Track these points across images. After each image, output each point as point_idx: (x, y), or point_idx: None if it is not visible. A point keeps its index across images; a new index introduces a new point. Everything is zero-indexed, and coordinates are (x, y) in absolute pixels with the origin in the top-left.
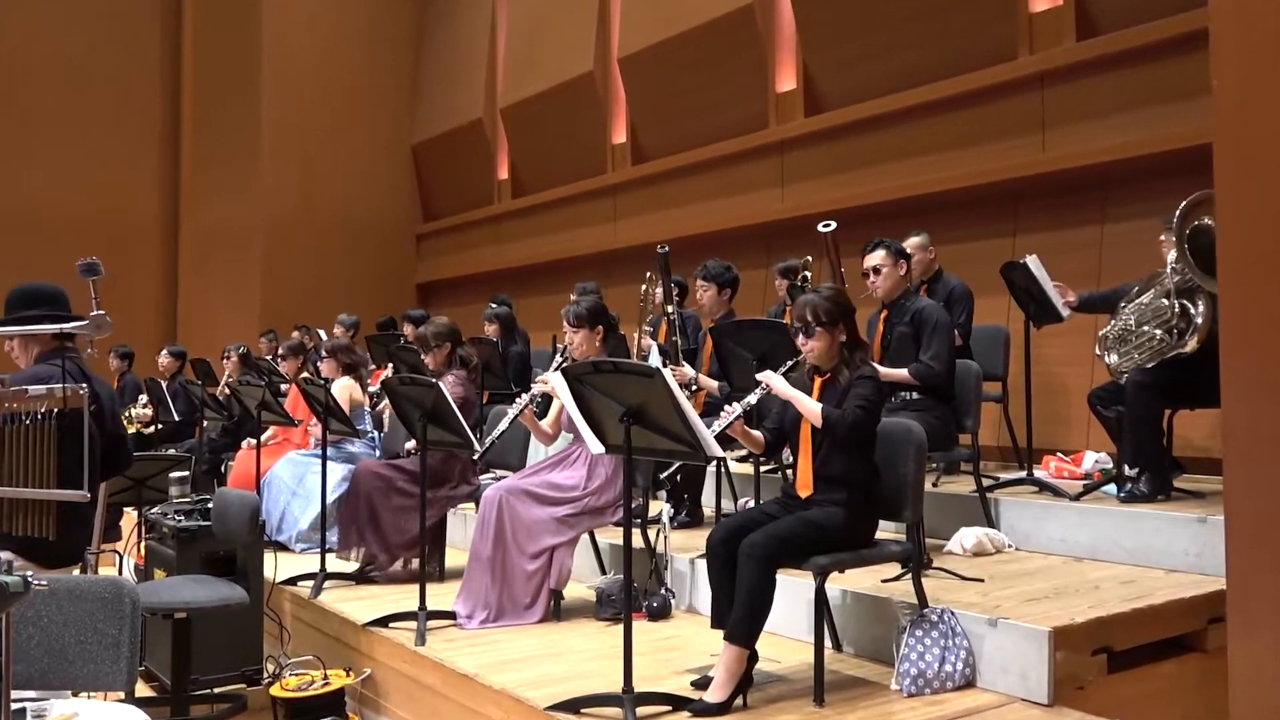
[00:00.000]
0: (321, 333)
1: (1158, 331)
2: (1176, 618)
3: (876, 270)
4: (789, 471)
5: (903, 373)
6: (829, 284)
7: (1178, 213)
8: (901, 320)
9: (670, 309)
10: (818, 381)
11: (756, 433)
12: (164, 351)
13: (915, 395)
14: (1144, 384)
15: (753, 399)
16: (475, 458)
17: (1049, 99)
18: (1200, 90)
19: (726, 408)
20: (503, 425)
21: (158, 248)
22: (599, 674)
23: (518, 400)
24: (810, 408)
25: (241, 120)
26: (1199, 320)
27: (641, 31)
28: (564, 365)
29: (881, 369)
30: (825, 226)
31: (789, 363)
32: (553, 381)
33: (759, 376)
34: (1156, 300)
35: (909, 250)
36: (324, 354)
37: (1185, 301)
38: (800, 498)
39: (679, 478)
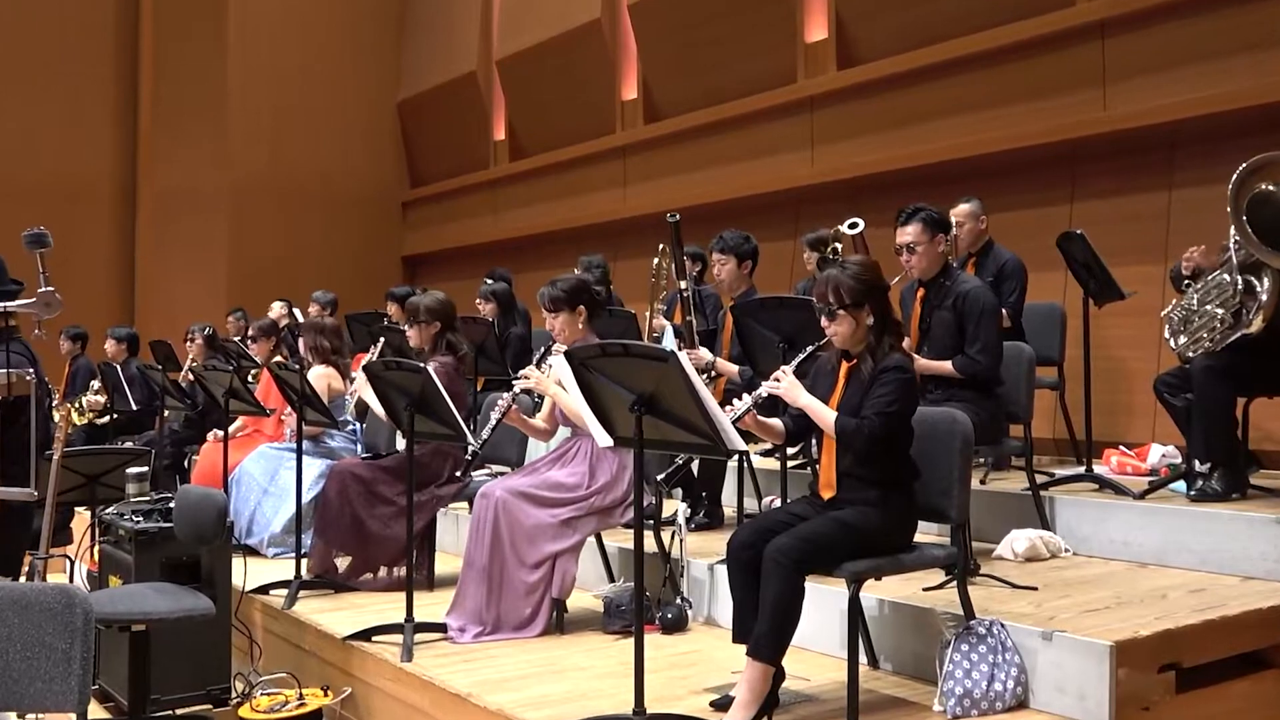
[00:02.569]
0: (298, 313)
1: (1220, 311)
2: (1253, 630)
3: (910, 249)
4: (817, 466)
5: (946, 366)
6: (858, 257)
7: (1233, 180)
8: (942, 302)
9: (684, 285)
10: (844, 367)
11: (774, 421)
12: (109, 337)
13: (959, 384)
14: (1214, 369)
15: (764, 392)
16: (468, 456)
17: (1111, 50)
18: None
19: (735, 401)
20: (486, 432)
21: (112, 215)
22: (607, 693)
23: (499, 402)
24: (824, 418)
25: (206, 70)
26: (1264, 297)
27: None
28: (544, 357)
29: (921, 360)
30: (852, 228)
31: (808, 348)
32: (555, 367)
33: (775, 376)
34: (1219, 277)
35: (958, 219)
36: (301, 333)
37: (1250, 277)
38: (823, 499)
39: (696, 473)
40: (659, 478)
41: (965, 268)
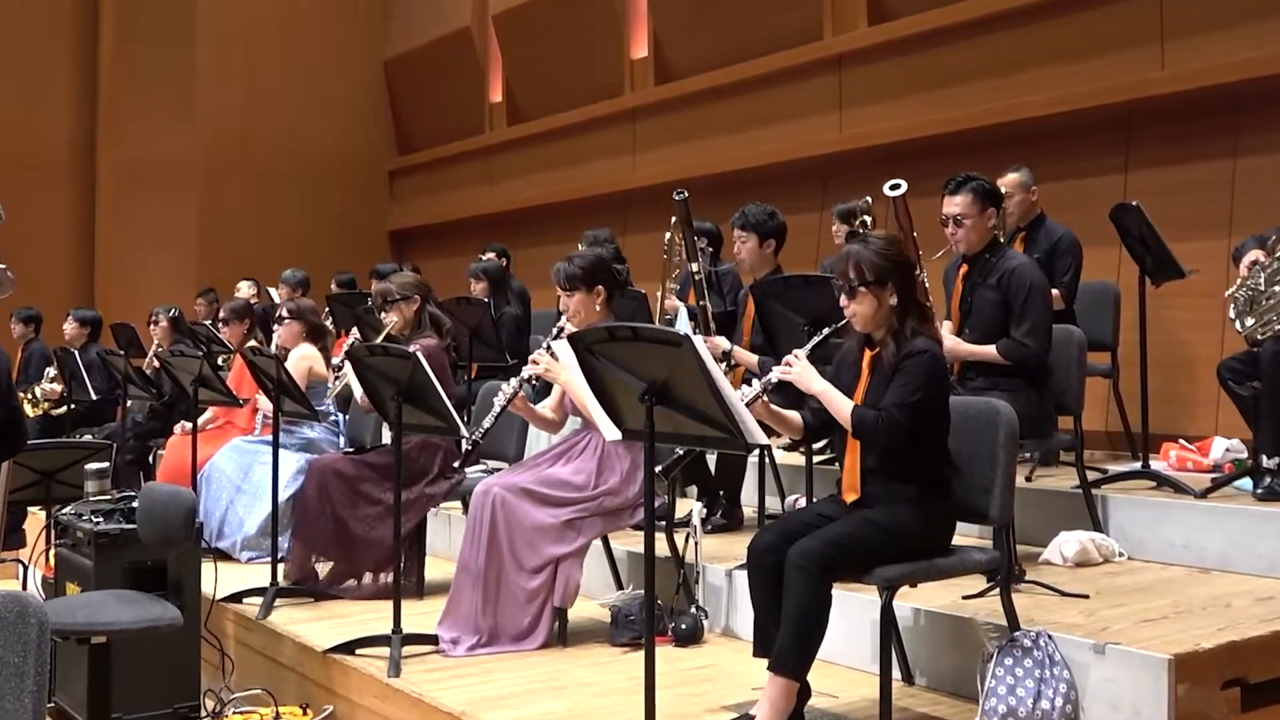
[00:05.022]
0: (273, 292)
1: None
2: None
3: (958, 220)
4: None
5: (990, 350)
6: (882, 233)
7: None
8: (986, 280)
9: (695, 268)
10: (867, 356)
11: (792, 413)
12: (69, 318)
13: (1004, 371)
14: None
15: (774, 378)
16: (467, 447)
17: (1170, 3)
18: None
19: (744, 387)
20: (488, 422)
21: (70, 186)
22: (613, 711)
23: (503, 388)
24: (839, 407)
25: (173, 26)
26: None
27: None
28: (558, 339)
29: (964, 346)
30: (894, 189)
31: (824, 330)
32: (559, 354)
33: (786, 360)
34: None
35: (1006, 189)
36: (286, 316)
37: None
38: (846, 503)
39: (713, 470)
40: (657, 469)
41: (1013, 243)
